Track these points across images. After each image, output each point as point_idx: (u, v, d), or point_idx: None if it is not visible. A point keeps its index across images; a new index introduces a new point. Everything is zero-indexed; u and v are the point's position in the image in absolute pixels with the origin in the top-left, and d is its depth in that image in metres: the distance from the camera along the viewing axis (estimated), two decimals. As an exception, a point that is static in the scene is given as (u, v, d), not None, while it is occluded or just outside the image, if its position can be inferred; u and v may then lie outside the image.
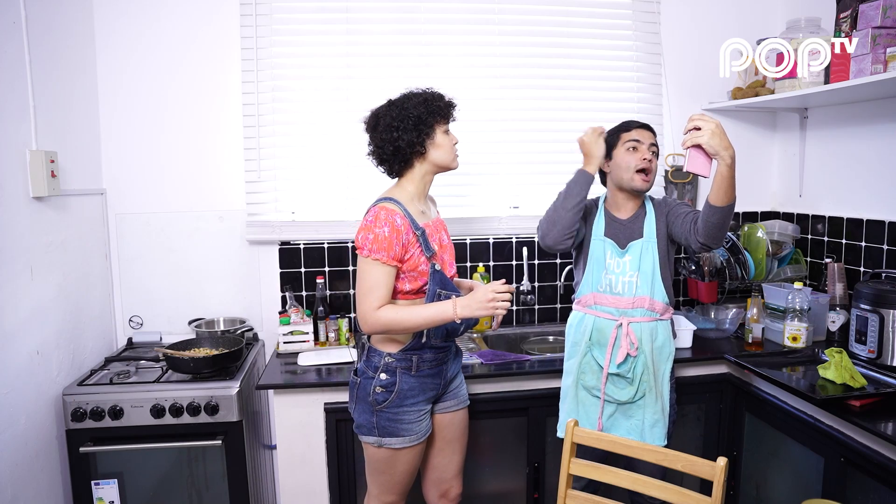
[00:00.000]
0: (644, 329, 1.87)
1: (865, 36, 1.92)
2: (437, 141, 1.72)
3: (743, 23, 2.63)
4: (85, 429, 1.98)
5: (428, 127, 1.70)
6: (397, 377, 1.70)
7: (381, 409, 1.69)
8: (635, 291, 1.87)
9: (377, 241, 1.62)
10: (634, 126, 1.92)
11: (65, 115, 2.16)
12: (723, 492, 1.38)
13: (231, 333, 2.38)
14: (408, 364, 1.70)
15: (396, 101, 1.73)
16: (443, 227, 1.84)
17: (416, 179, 1.75)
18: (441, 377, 1.78)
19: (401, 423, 1.69)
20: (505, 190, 2.61)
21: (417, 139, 1.68)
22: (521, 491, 2.17)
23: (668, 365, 1.90)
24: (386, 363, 1.70)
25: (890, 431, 1.58)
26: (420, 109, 1.69)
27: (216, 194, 2.48)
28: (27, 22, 1.89)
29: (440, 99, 1.74)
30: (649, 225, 1.91)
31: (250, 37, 2.41)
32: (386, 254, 1.62)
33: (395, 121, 1.69)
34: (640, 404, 1.88)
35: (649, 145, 1.89)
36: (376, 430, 1.70)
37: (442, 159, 1.74)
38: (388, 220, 1.63)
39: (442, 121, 1.73)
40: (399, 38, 2.51)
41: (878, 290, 2.00)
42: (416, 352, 1.71)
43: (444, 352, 1.77)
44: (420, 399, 1.72)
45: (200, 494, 2.11)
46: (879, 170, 2.26)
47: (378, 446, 1.71)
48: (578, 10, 2.60)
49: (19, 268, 1.85)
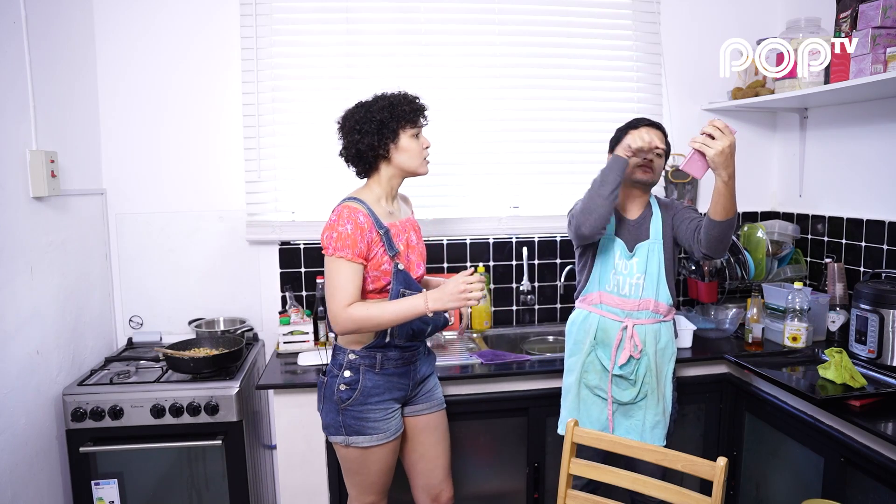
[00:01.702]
0: (648, 331, 1.87)
1: (865, 36, 1.92)
2: (403, 145, 1.69)
3: (743, 23, 2.63)
4: (85, 429, 1.98)
5: (391, 131, 1.67)
6: (360, 375, 1.68)
7: (346, 408, 1.68)
8: (641, 294, 1.87)
9: (341, 239, 1.61)
10: (643, 124, 1.91)
11: (65, 115, 2.16)
12: (723, 492, 1.38)
13: (231, 333, 2.38)
14: (371, 362, 1.69)
15: (364, 104, 1.72)
16: (412, 228, 1.81)
17: (383, 181, 1.74)
18: (409, 377, 1.76)
19: (366, 421, 1.68)
20: (505, 190, 2.61)
21: (379, 143, 1.67)
22: (521, 491, 2.17)
23: (670, 366, 1.90)
24: (349, 360, 1.69)
25: (890, 431, 1.58)
26: (384, 113, 1.67)
27: (216, 194, 2.48)
28: (27, 22, 1.89)
29: (408, 102, 1.71)
30: (655, 226, 1.91)
31: (250, 37, 2.41)
32: (350, 251, 1.61)
33: (357, 123, 1.68)
34: (641, 405, 1.88)
35: (656, 147, 1.85)
36: (343, 430, 1.69)
37: (407, 164, 1.71)
38: (350, 218, 1.62)
39: (408, 125, 1.70)
40: (399, 38, 2.51)
41: (878, 290, 2.00)
42: (379, 350, 1.70)
43: (411, 351, 1.76)
44: (386, 397, 1.71)
45: (200, 494, 2.11)
46: (879, 170, 2.26)
47: (346, 445, 1.70)
48: (578, 10, 2.60)
49: (19, 268, 1.85)
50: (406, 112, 1.69)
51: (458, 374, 2.07)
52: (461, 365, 2.13)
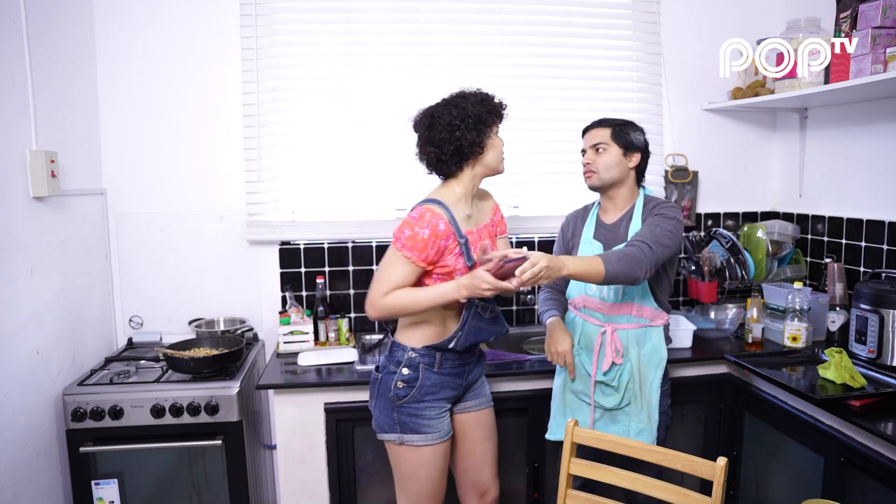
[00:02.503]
0: (630, 336, 1.83)
1: (865, 36, 1.92)
2: (493, 142, 1.70)
3: (743, 23, 2.63)
4: (85, 429, 1.98)
5: (487, 126, 1.67)
6: (420, 372, 1.68)
7: (402, 405, 1.67)
8: (620, 297, 1.84)
9: (413, 240, 1.60)
10: (586, 130, 1.95)
11: (65, 115, 2.16)
12: (723, 492, 1.38)
13: (231, 333, 2.38)
14: (431, 360, 1.69)
15: (453, 101, 1.68)
16: (489, 234, 1.77)
17: (465, 181, 1.71)
18: (463, 378, 1.76)
19: (421, 418, 1.67)
20: (505, 190, 2.61)
21: (478, 138, 1.65)
22: (521, 491, 2.17)
23: (657, 372, 1.84)
24: (409, 358, 1.68)
25: (890, 431, 1.58)
26: (479, 108, 1.65)
27: (216, 194, 2.48)
28: (27, 22, 1.89)
29: (492, 99, 1.71)
30: (633, 229, 1.86)
31: (250, 37, 2.41)
32: (418, 255, 1.60)
33: (455, 119, 1.63)
34: (626, 411, 1.85)
35: (591, 146, 1.88)
36: (398, 427, 1.68)
37: (493, 161, 1.71)
38: (430, 223, 1.60)
39: (498, 121, 1.71)
40: (399, 38, 2.50)
41: (878, 290, 2.00)
42: (440, 349, 1.69)
43: (469, 352, 1.77)
44: (440, 396, 1.71)
45: (200, 494, 2.11)
46: (879, 170, 2.26)
47: (399, 443, 1.69)
48: (578, 10, 2.60)
49: (19, 268, 1.85)
50: (496, 108, 1.69)
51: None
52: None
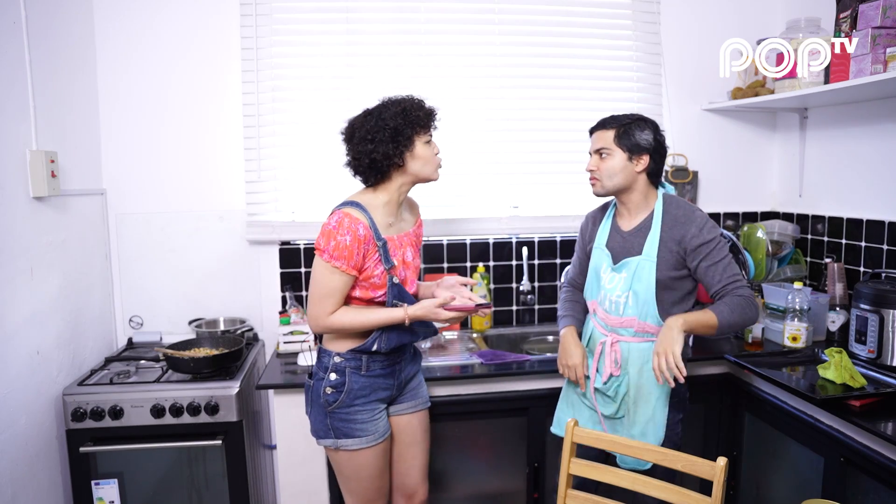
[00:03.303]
0: (633, 349, 1.75)
1: (865, 36, 1.92)
2: (417, 152, 1.65)
3: (743, 23, 2.63)
4: (85, 429, 1.98)
5: (406, 139, 1.62)
6: (347, 377, 1.67)
7: (333, 410, 1.67)
8: (622, 311, 1.75)
9: (338, 249, 1.58)
10: (592, 130, 1.82)
11: (65, 115, 2.16)
12: (723, 492, 1.38)
13: (231, 333, 2.38)
14: (357, 364, 1.68)
15: (373, 111, 1.66)
16: (409, 244, 1.75)
17: (392, 190, 1.69)
18: (394, 377, 1.75)
19: (354, 423, 1.67)
20: (505, 190, 2.61)
21: (395, 151, 1.61)
22: (521, 491, 2.17)
23: (661, 390, 1.73)
24: (335, 363, 1.68)
25: (890, 431, 1.58)
26: (397, 120, 1.61)
27: (216, 194, 2.48)
28: (27, 22, 1.89)
29: (419, 108, 1.66)
30: (651, 243, 1.73)
31: (250, 37, 2.41)
32: (346, 262, 1.59)
33: (370, 132, 1.62)
34: (623, 422, 1.81)
35: (595, 151, 1.78)
36: (332, 433, 1.68)
37: (421, 171, 1.67)
38: (350, 229, 1.59)
39: (422, 131, 1.65)
40: (399, 38, 2.51)
41: (878, 290, 2.00)
42: (365, 352, 1.68)
43: (398, 352, 1.75)
44: (372, 399, 1.70)
45: (200, 494, 2.11)
46: (879, 170, 2.26)
47: (335, 449, 1.70)
48: (578, 10, 2.60)
49: (19, 268, 1.85)
50: (420, 118, 1.64)
51: (458, 374, 2.07)
52: (461, 365, 2.13)
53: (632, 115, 1.78)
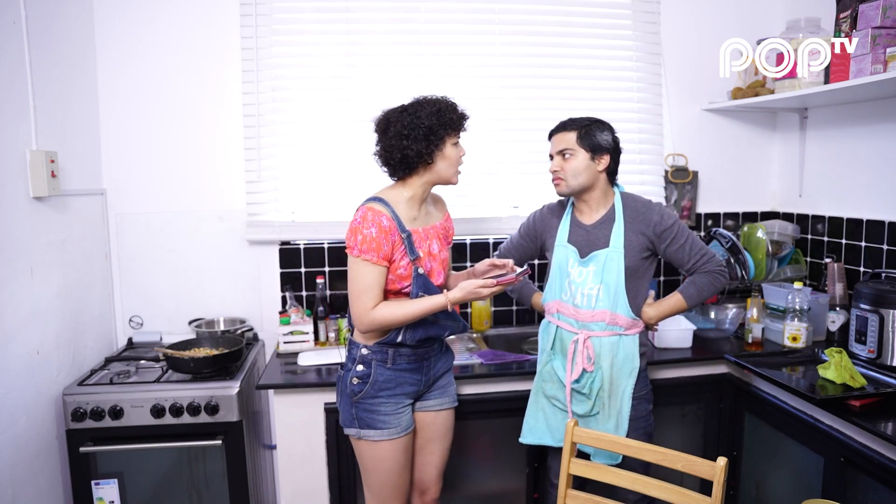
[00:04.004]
0: (604, 344, 1.79)
1: (865, 36, 1.92)
2: (446, 153, 1.70)
3: (743, 23, 2.63)
4: (85, 429, 1.98)
5: (438, 138, 1.67)
6: (372, 369, 1.71)
7: (358, 401, 1.71)
8: (594, 304, 1.79)
9: (366, 242, 1.62)
10: (552, 133, 1.88)
11: (65, 115, 2.16)
12: (723, 492, 1.38)
13: (231, 333, 2.38)
14: (383, 357, 1.71)
15: (409, 108, 1.70)
16: (436, 236, 1.78)
17: (415, 186, 1.73)
18: (422, 373, 1.77)
19: (377, 413, 1.70)
20: (505, 190, 2.61)
21: (426, 150, 1.66)
22: (521, 491, 2.17)
23: (629, 381, 1.80)
24: (362, 355, 1.72)
25: (890, 431, 1.58)
26: (432, 120, 1.66)
27: (216, 194, 2.48)
28: (27, 22, 1.89)
29: (453, 110, 1.71)
30: (617, 234, 1.80)
31: (250, 37, 2.41)
32: (375, 254, 1.63)
33: (405, 128, 1.66)
34: (596, 418, 1.82)
35: (558, 152, 1.83)
36: (356, 422, 1.72)
37: (446, 172, 1.72)
38: (374, 221, 1.63)
39: (453, 133, 1.71)
40: (399, 38, 2.50)
41: (878, 290, 2.00)
42: (391, 346, 1.71)
43: (426, 348, 1.77)
44: (397, 392, 1.73)
45: (200, 494, 2.12)
46: (879, 170, 2.26)
47: (358, 438, 1.73)
48: (578, 10, 2.60)
49: (19, 268, 1.85)
50: (453, 120, 1.69)
51: (458, 374, 2.07)
52: (461, 365, 2.13)
53: (589, 117, 1.86)
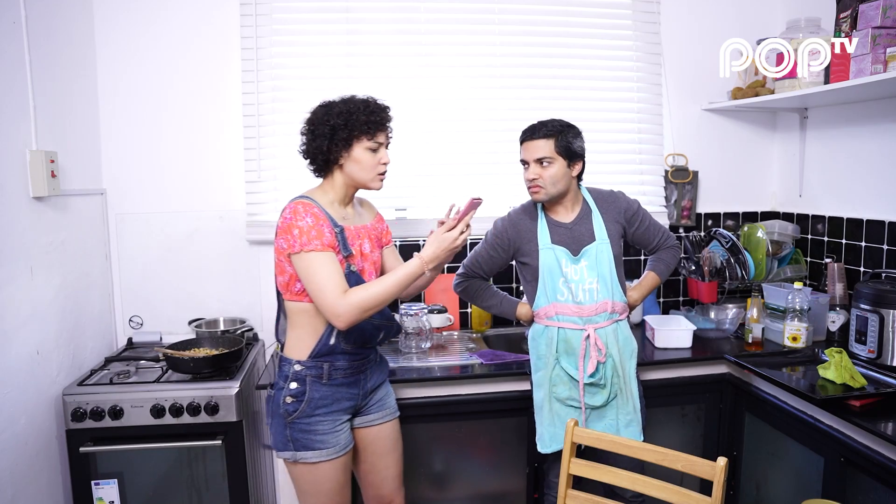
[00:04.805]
0: (609, 333, 1.85)
1: (865, 36, 1.92)
2: (355, 156, 1.62)
3: (743, 23, 2.63)
4: (85, 429, 1.97)
5: (341, 139, 1.60)
6: (307, 386, 1.62)
7: (293, 421, 1.61)
8: (596, 298, 1.85)
9: (304, 234, 1.54)
10: (524, 139, 1.86)
11: (65, 115, 2.16)
12: (723, 492, 1.38)
13: (231, 333, 2.38)
14: (318, 372, 1.62)
15: (327, 104, 1.66)
16: (367, 236, 1.71)
17: (336, 186, 1.67)
18: (358, 387, 1.70)
19: (314, 433, 1.61)
20: (505, 190, 2.61)
21: (328, 148, 1.61)
22: (521, 491, 2.17)
23: (632, 362, 1.90)
24: (295, 372, 1.62)
25: (890, 431, 1.58)
26: (338, 119, 1.60)
27: (216, 194, 2.48)
28: (27, 22, 1.89)
29: (368, 113, 1.62)
30: (599, 227, 1.87)
31: (250, 37, 2.41)
32: (319, 241, 1.54)
33: (312, 124, 1.63)
34: (613, 405, 1.86)
35: (535, 160, 1.81)
36: (291, 444, 1.62)
37: (357, 176, 1.64)
38: (307, 212, 1.56)
39: (363, 136, 1.62)
40: (399, 38, 2.51)
41: (878, 290, 2.00)
42: (326, 358, 1.63)
43: (361, 360, 1.70)
44: (334, 409, 1.64)
45: (200, 494, 2.11)
46: (879, 170, 2.26)
47: (294, 461, 1.63)
48: (578, 10, 2.60)
49: (19, 268, 1.85)
50: (361, 123, 1.61)
51: (458, 374, 2.07)
52: (461, 365, 2.13)
53: (559, 122, 1.86)
